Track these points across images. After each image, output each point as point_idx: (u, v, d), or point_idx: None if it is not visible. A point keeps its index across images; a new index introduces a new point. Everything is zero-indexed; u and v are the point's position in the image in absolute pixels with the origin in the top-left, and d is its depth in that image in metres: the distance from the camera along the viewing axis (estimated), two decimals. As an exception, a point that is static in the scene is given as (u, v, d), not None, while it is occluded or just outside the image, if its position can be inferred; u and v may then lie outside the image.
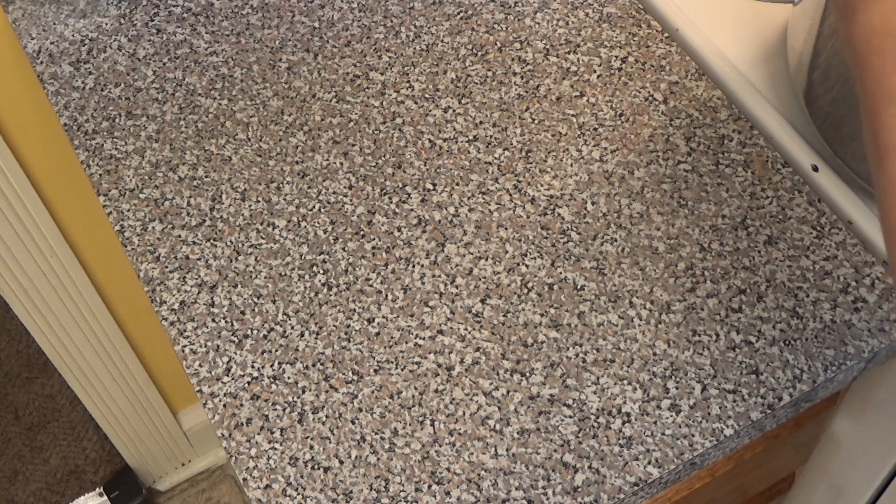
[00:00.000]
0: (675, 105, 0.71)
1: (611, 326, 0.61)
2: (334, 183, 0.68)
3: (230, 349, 0.62)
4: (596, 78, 0.73)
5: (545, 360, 0.60)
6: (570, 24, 0.76)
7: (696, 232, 0.65)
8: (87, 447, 1.51)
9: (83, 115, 0.73)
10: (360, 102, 0.72)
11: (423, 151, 0.70)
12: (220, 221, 0.67)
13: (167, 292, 0.64)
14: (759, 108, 0.71)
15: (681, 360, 0.60)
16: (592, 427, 0.58)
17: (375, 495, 0.56)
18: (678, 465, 0.56)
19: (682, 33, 0.75)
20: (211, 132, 0.71)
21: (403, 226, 0.66)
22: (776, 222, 0.65)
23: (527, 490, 0.56)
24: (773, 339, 0.60)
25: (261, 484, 0.57)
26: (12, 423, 1.54)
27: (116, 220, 0.67)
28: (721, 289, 0.62)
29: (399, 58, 0.75)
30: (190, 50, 0.76)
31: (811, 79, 0.67)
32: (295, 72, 0.74)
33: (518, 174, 0.68)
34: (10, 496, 1.48)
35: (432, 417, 0.59)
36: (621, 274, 0.63)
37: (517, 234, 0.65)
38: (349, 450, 0.58)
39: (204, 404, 0.60)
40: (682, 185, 0.67)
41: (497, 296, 0.63)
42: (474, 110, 0.71)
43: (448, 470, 0.57)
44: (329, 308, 0.63)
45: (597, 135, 0.70)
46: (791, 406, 0.59)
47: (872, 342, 0.60)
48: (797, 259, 0.64)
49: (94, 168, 0.70)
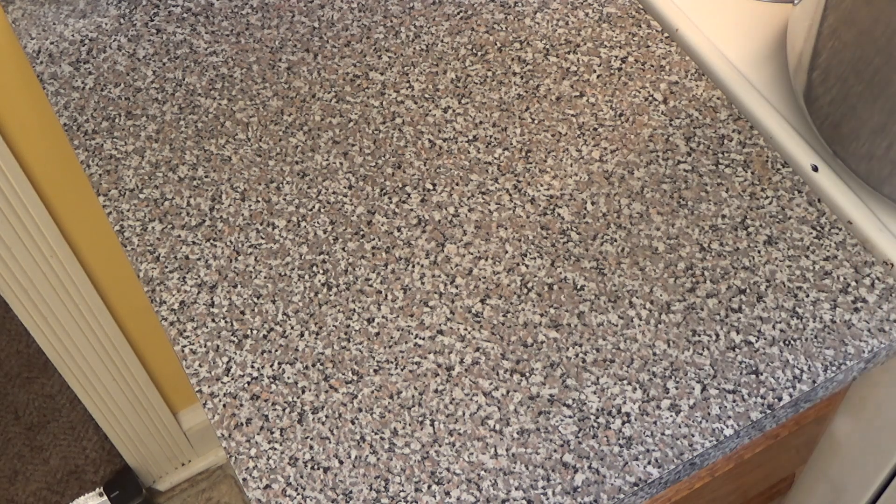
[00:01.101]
0: (675, 105, 0.71)
1: (611, 326, 0.61)
2: (334, 183, 0.68)
3: (230, 349, 0.62)
4: (596, 78, 0.73)
5: (545, 360, 0.60)
6: (570, 24, 0.76)
7: (696, 232, 0.65)
8: (87, 447, 1.51)
9: (83, 115, 0.73)
10: (360, 102, 0.72)
11: (423, 151, 0.70)
12: (220, 221, 0.67)
13: (167, 292, 0.64)
14: (759, 108, 0.71)
15: (681, 360, 0.60)
16: (592, 427, 0.58)
17: (375, 495, 0.56)
18: (678, 465, 0.56)
19: (682, 33, 0.75)
20: (211, 132, 0.71)
21: (403, 226, 0.66)
22: (776, 222, 0.65)
23: (527, 490, 0.56)
24: (773, 339, 0.60)
25: (261, 484, 0.57)
26: (12, 423, 1.54)
27: (116, 220, 0.67)
28: (721, 289, 0.62)
29: (399, 58, 0.75)
30: (190, 50, 0.76)
31: (811, 79, 0.67)
32: (295, 72, 0.74)
33: (518, 174, 0.68)
34: (10, 496, 1.48)
35: (432, 417, 0.59)
36: (621, 274, 0.63)
37: (517, 234, 0.65)
38: (349, 450, 0.58)
39: (204, 404, 0.60)
40: (682, 185, 0.67)
41: (497, 296, 0.63)
42: (474, 110, 0.71)
43: (448, 470, 0.57)
44: (329, 308, 0.63)
45: (597, 135, 0.70)
46: (791, 406, 0.59)
47: (872, 342, 0.60)
48: (797, 259, 0.64)
49: (94, 168, 0.70)
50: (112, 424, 1.32)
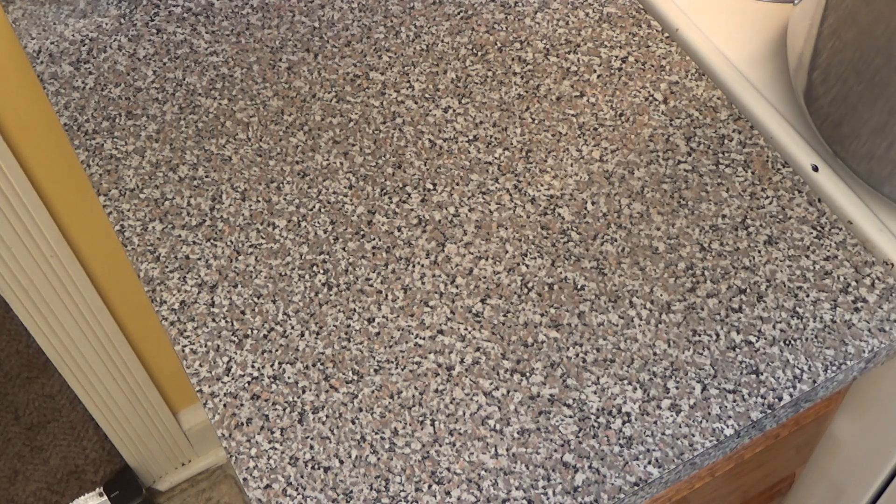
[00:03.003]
0: (675, 105, 0.71)
1: (611, 326, 0.61)
2: (334, 183, 0.68)
3: (230, 349, 0.62)
4: (596, 78, 0.73)
5: (545, 360, 0.60)
6: (570, 24, 0.76)
7: (696, 232, 0.65)
8: (87, 447, 1.51)
9: (83, 115, 0.73)
10: (360, 102, 0.72)
11: (423, 151, 0.70)
12: (220, 221, 0.67)
13: (167, 292, 0.64)
14: (759, 108, 0.71)
15: (681, 360, 0.60)
16: (592, 427, 0.58)
17: (375, 495, 0.56)
18: (678, 464, 0.56)
19: (682, 33, 0.75)
20: (211, 132, 0.71)
21: (403, 226, 0.66)
22: (776, 222, 0.65)
23: (527, 490, 0.56)
24: (773, 339, 0.60)
25: (261, 484, 0.57)
26: (12, 423, 1.54)
27: (116, 220, 0.68)
28: (721, 289, 0.62)
29: (399, 58, 0.75)
30: (190, 50, 0.76)
31: (811, 79, 0.67)
32: (295, 72, 0.74)
33: (518, 174, 0.68)
34: (10, 496, 1.48)
35: (432, 417, 0.59)
36: (621, 274, 0.63)
37: (517, 234, 0.65)
38: (349, 450, 0.58)
39: (204, 404, 0.60)
40: (682, 185, 0.67)
41: (497, 296, 0.63)
42: (474, 110, 0.71)
43: (448, 470, 0.57)
44: (329, 308, 0.63)
45: (597, 135, 0.70)
46: (791, 406, 0.59)
47: (872, 342, 0.60)
48: (797, 259, 0.64)
49: (94, 168, 0.70)
50: (112, 424, 1.32)
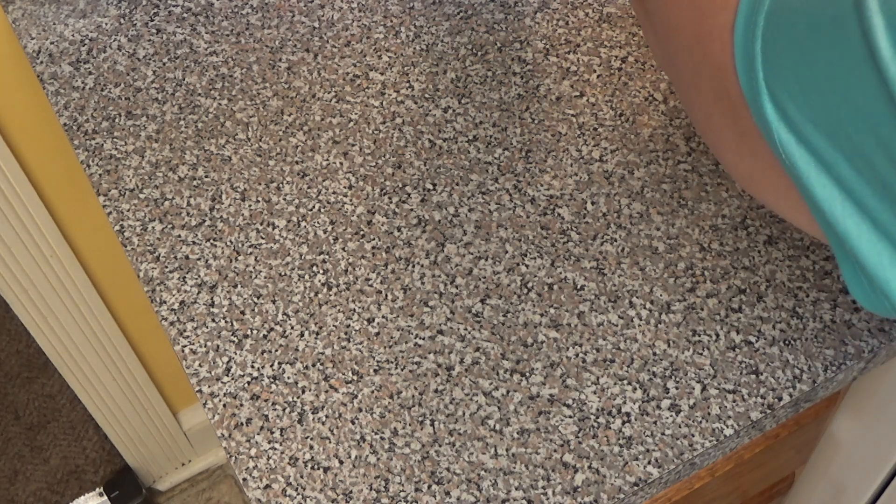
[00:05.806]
0: (675, 105, 0.71)
1: (611, 326, 0.61)
2: (334, 183, 0.68)
3: (230, 349, 0.62)
4: (596, 78, 0.73)
5: (545, 360, 0.60)
6: (570, 24, 0.76)
7: (696, 232, 0.65)
8: (87, 447, 1.51)
9: (83, 115, 0.73)
10: (360, 102, 0.72)
11: (423, 151, 0.70)
12: (220, 221, 0.67)
13: (167, 292, 0.64)
14: (759, 108, 0.71)
15: (681, 360, 0.60)
16: (592, 427, 0.58)
17: (375, 495, 0.56)
18: (678, 465, 0.56)
19: (682, 33, 0.75)
20: (211, 132, 0.71)
21: (403, 226, 0.66)
22: (776, 222, 0.65)
23: (527, 490, 0.56)
24: (773, 339, 0.60)
25: (261, 484, 0.57)
26: (12, 423, 1.54)
27: (116, 220, 0.67)
28: (721, 289, 0.62)
29: (399, 58, 0.75)
30: (190, 50, 0.76)
31: (811, 79, 0.67)
32: (295, 72, 0.74)
33: (518, 174, 0.68)
34: (10, 496, 1.48)
35: (432, 417, 0.59)
36: (621, 274, 0.63)
37: (517, 233, 0.65)
38: (349, 450, 0.58)
39: (204, 404, 0.60)
40: (682, 185, 0.67)
41: (497, 296, 0.63)
42: (474, 110, 0.71)
43: (448, 470, 0.57)
44: (329, 308, 0.63)
45: (597, 135, 0.70)
46: (791, 406, 0.59)
47: (872, 342, 0.60)
48: (797, 259, 0.64)
49: (94, 168, 0.70)
50: (112, 424, 1.32)
